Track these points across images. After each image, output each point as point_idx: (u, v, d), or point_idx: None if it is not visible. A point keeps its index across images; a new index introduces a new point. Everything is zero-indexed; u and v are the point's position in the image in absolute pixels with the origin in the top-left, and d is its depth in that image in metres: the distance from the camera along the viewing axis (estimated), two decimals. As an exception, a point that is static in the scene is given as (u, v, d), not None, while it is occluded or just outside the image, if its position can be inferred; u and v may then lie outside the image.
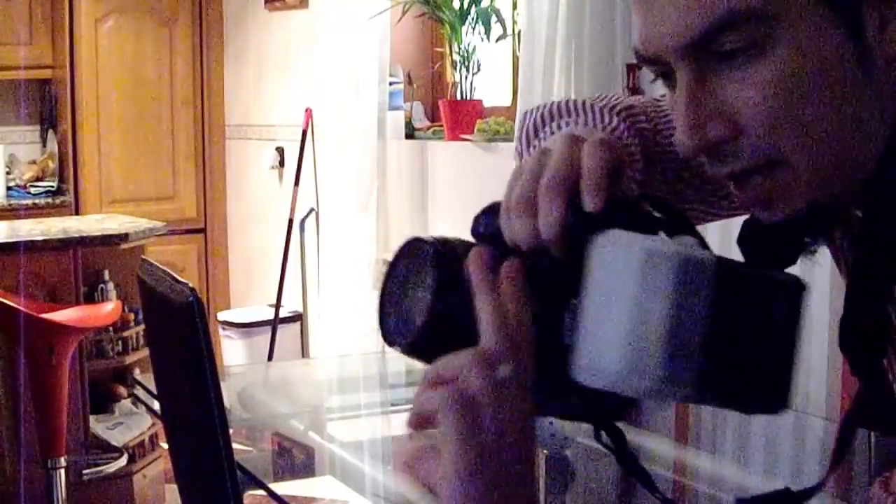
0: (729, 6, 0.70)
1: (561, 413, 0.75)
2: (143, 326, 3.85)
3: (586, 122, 0.95)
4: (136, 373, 3.80)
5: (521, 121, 1.03)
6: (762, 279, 0.67)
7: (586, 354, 0.65)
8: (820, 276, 0.89)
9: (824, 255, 0.89)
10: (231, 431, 1.86)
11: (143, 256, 2.57)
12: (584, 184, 0.70)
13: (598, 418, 0.72)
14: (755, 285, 0.66)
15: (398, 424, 2.67)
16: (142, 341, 3.96)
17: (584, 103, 0.98)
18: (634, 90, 3.15)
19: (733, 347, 0.64)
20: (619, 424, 0.73)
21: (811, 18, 0.70)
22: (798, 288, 0.68)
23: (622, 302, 0.63)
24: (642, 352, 0.62)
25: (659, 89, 0.84)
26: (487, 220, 0.76)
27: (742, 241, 0.80)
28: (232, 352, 4.92)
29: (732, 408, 0.68)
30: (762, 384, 0.66)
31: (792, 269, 0.79)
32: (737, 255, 0.82)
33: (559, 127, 0.95)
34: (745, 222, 0.81)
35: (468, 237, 0.79)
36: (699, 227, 0.94)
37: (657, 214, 0.73)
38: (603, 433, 0.72)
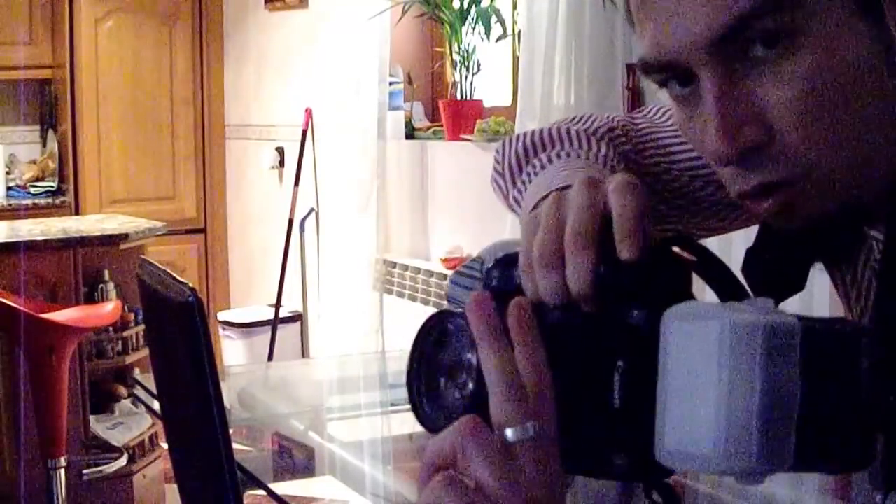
0: None
1: (599, 473, 0.68)
2: (143, 326, 3.85)
3: (573, 148, 0.91)
4: (136, 373, 3.80)
5: (498, 151, 0.97)
6: (843, 333, 0.62)
7: (674, 439, 0.60)
8: (820, 275, 0.88)
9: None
10: (231, 431, 1.86)
11: (143, 256, 2.56)
12: (618, 230, 0.65)
13: (650, 478, 0.67)
14: (838, 341, 0.62)
15: (398, 424, 2.67)
16: (142, 341, 3.96)
17: (567, 130, 0.94)
18: (634, 90, 3.15)
19: (826, 411, 0.60)
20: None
21: (838, 11, 0.67)
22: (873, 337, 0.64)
23: (710, 380, 0.59)
24: (738, 432, 0.58)
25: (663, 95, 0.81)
26: (501, 273, 0.70)
27: (746, 269, 0.77)
28: (232, 352, 4.92)
29: (823, 471, 0.64)
30: (852, 443, 0.62)
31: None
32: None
33: (549, 159, 0.90)
34: (749, 250, 0.78)
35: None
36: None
37: (687, 255, 0.68)
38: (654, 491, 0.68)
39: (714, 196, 0.95)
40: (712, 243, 2.98)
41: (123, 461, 3.81)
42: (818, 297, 2.90)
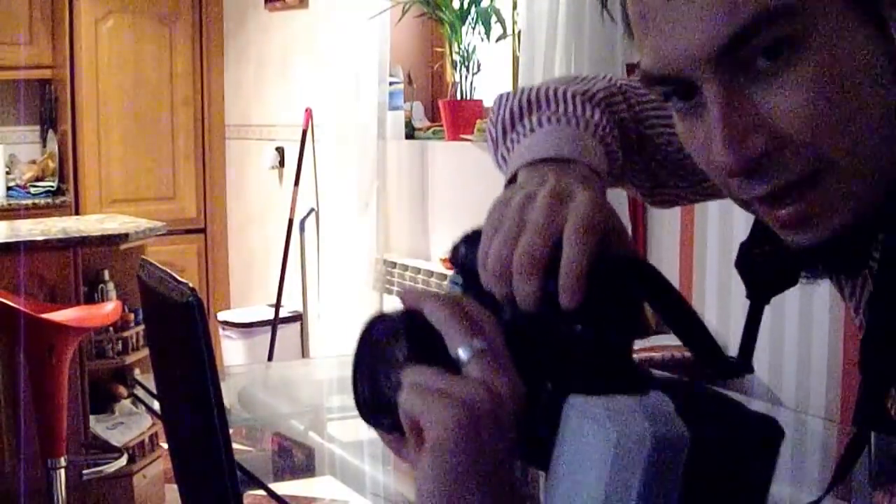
0: (758, 4, 0.65)
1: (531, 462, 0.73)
2: (143, 326, 3.85)
3: (565, 113, 0.91)
4: (136, 373, 3.80)
5: (495, 104, 0.98)
6: (736, 439, 0.64)
7: None
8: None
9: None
10: (231, 431, 1.86)
11: (143, 256, 2.56)
12: (562, 277, 0.67)
13: None
14: (730, 450, 0.63)
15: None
16: (142, 341, 3.96)
17: (563, 92, 0.94)
18: (634, 90, 3.15)
19: None
20: None
21: (839, 17, 0.67)
22: (776, 440, 0.65)
23: (593, 483, 0.61)
24: None
25: None
26: (467, 250, 0.74)
27: (740, 265, 0.77)
28: (232, 352, 4.92)
29: None
30: None
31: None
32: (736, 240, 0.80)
33: (539, 122, 0.91)
34: (742, 244, 0.78)
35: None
36: (678, 209, 0.92)
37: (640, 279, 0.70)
38: None
39: None
40: (713, 241, 2.96)
41: (123, 461, 3.81)
42: (818, 298, 2.89)
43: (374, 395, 0.69)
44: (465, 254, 0.74)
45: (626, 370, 0.68)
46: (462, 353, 0.65)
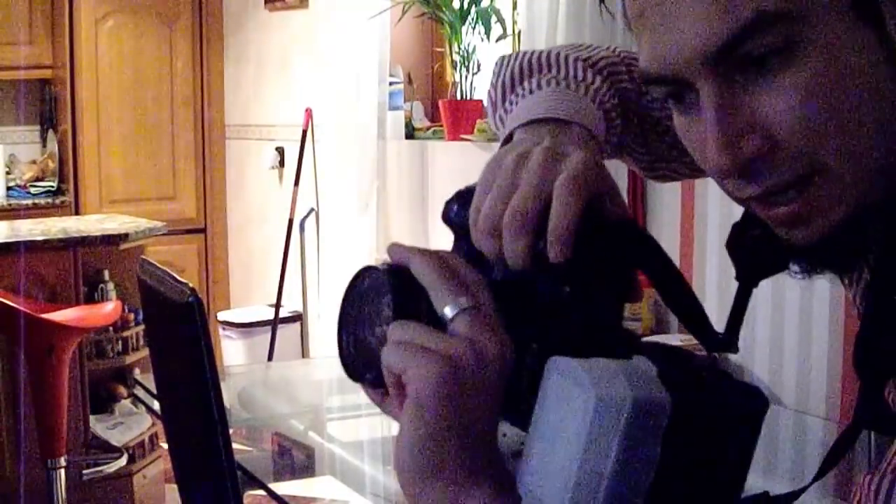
0: (756, 7, 0.65)
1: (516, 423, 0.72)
2: (143, 326, 3.85)
3: (566, 77, 0.91)
4: (136, 373, 3.80)
5: (497, 66, 0.97)
6: (721, 409, 0.63)
7: (531, 481, 0.63)
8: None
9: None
10: (231, 431, 1.86)
11: (143, 256, 2.56)
12: (551, 231, 0.68)
13: None
14: (712, 418, 0.62)
15: (398, 425, 2.67)
16: (142, 341, 3.96)
17: (565, 57, 0.94)
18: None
19: (683, 485, 0.62)
20: None
21: (836, 18, 0.66)
22: (759, 411, 0.64)
23: (570, 443, 0.60)
24: (585, 499, 0.60)
25: None
26: (460, 208, 0.75)
27: (731, 246, 0.77)
28: (232, 352, 4.92)
29: None
30: None
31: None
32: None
33: (538, 85, 0.90)
34: (734, 226, 0.77)
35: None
36: (678, 189, 0.91)
37: (631, 237, 0.70)
38: None
39: None
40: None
41: (123, 461, 3.81)
42: (818, 297, 2.89)
43: (358, 349, 0.69)
44: (457, 211, 0.75)
45: (613, 334, 0.68)
46: (448, 311, 0.65)
